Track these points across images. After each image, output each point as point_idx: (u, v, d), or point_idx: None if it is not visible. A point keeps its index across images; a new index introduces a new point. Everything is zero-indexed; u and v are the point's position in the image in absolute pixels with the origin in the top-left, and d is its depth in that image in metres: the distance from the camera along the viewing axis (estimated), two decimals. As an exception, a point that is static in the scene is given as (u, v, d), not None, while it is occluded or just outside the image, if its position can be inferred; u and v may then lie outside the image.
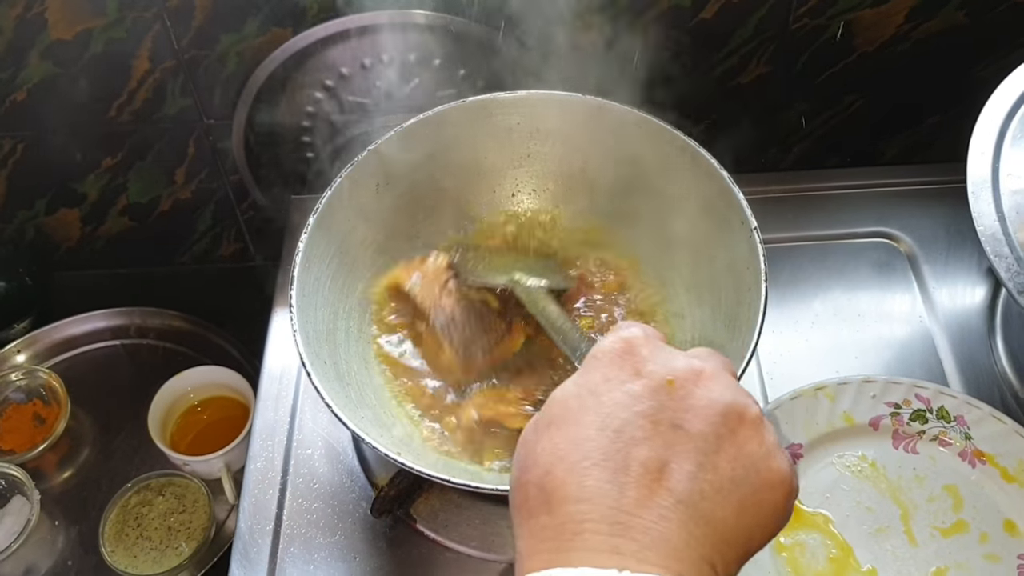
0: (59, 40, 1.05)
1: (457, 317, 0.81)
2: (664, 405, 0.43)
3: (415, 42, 1.05)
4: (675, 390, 0.43)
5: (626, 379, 0.44)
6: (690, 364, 0.45)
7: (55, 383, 1.17)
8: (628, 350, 0.45)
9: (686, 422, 0.42)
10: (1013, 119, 0.85)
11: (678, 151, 0.84)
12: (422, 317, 0.83)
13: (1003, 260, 0.77)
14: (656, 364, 0.44)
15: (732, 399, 0.44)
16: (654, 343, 0.46)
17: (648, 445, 0.41)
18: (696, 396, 0.43)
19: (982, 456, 0.83)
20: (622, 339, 0.45)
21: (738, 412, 0.43)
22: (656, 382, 0.43)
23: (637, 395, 0.43)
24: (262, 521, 0.84)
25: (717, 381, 0.44)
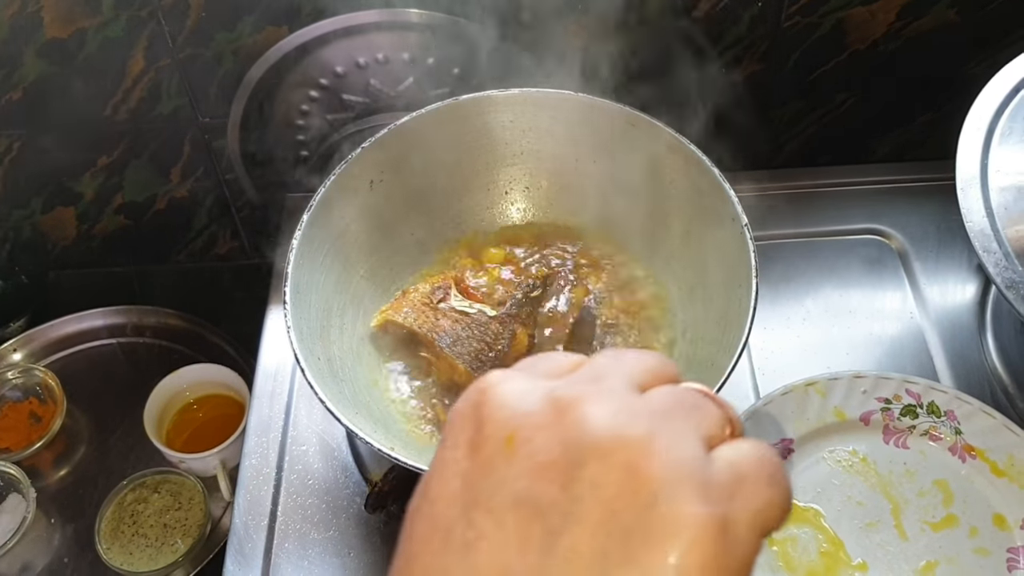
0: (55, 39, 1.05)
1: (461, 334, 0.82)
2: (503, 480, 0.31)
3: (409, 41, 1.05)
4: (515, 451, 0.31)
5: (461, 457, 0.33)
6: (544, 398, 0.32)
7: (51, 381, 1.18)
8: (467, 411, 0.34)
9: (530, 493, 0.30)
10: (1002, 116, 0.85)
11: (669, 148, 0.84)
12: (426, 345, 0.83)
13: (991, 255, 0.78)
14: (497, 419, 0.32)
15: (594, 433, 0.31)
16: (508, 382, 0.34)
17: (486, 550, 0.30)
18: (544, 448, 0.31)
19: (972, 451, 0.83)
20: (464, 398, 0.34)
21: (602, 450, 0.30)
22: (492, 449, 0.32)
23: (470, 478, 0.32)
24: (257, 517, 0.85)
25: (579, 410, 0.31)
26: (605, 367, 0.34)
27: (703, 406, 0.33)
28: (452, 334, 0.81)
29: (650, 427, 0.30)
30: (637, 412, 0.31)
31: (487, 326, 0.82)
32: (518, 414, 0.32)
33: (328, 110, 1.12)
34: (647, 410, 0.31)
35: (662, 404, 0.32)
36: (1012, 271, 0.77)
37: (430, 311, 0.83)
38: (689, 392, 0.33)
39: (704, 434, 0.32)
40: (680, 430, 0.31)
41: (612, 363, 0.34)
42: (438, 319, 0.82)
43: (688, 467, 0.30)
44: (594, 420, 0.31)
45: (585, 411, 0.31)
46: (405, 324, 0.83)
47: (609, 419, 0.30)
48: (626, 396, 0.32)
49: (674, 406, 0.32)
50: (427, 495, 0.33)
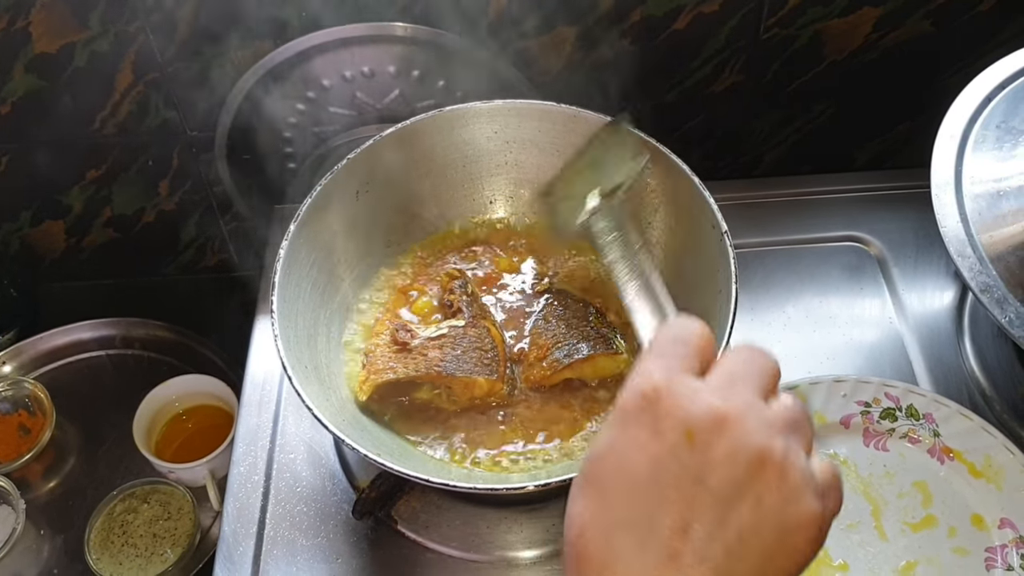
0: (43, 53, 1.06)
1: (455, 354, 0.82)
2: (685, 463, 0.43)
3: (395, 54, 1.07)
4: (695, 445, 0.43)
5: (646, 439, 0.44)
6: (710, 409, 0.44)
7: (40, 393, 1.18)
8: (645, 405, 0.44)
9: (707, 477, 0.43)
10: (975, 124, 0.87)
11: (651, 158, 0.85)
12: (431, 382, 0.83)
13: (966, 260, 0.79)
14: (675, 417, 0.44)
15: (753, 445, 0.43)
16: (674, 385, 0.44)
17: (672, 506, 0.42)
18: (716, 447, 0.43)
19: (950, 452, 0.85)
20: (641, 394, 0.45)
21: (759, 459, 0.43)
22: (675, 439, 0.43)
23: (658, 457, 0.43)
24: (246, 524, 0.86)
25: (739, 425, 0.43)
26: (736, 373, 0.46)
27: (804, 423, 0.46)
28: (450, 358, 0.81)
29: (784, 444, 0.43)
30: (773, 430, 0.44)
31: (467, 335, 0.83)
32: (692, 417, 0.43)
33: (315, 123, 1.14)
34: (777, 428, 0.44)
35: (785, 422, 0.44)
36: (986, 275, 0.79)
37: (409, 354, 0.82)
38: (796, 411, 0.45)
39: (807, 448, 0.45)
40: (797, 445, 0.44)
41: (742, 368, 0.46)
42: (425, 354, 0.82)
43: (807, 477, 0.43)
44: (749, 436, 0.43)
45: (742, 428, 0.43)
46: (403, 377, 0.81)
47: (758, 436, 0.43)
48: (762, 412, 0.44)
49: (792, 424, 0.45)
50: (620, 459, 0.44)
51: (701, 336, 0.47)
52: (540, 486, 0.69)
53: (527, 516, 0.84)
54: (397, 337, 0.84)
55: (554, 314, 0.86)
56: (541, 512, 0.84)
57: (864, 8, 1.06)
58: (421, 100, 1.10)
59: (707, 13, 1.05)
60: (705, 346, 0.47)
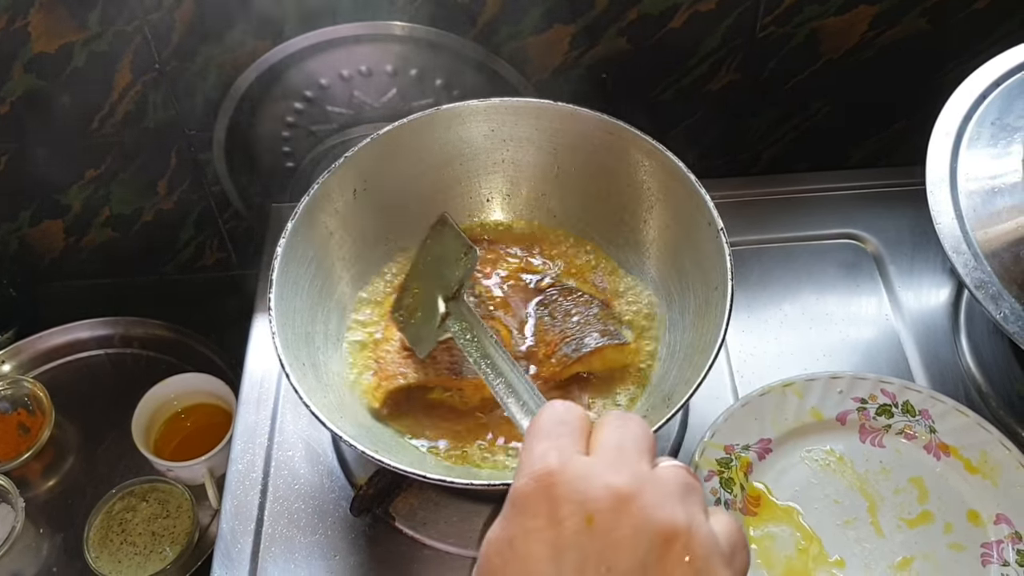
0: (42, 53, 1.06)
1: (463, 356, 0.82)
2: (587, 551, 0.41)
3: (392, 53, 1.07)
4: (596, 528, 0.41)
5: (544, 527, 0.41)
6: (608, 488, 0.42)
7: (40, 392, 1.19)
8: (540, 491, 0.42)
9: (612, 562, 0.40)
10: (970, 122, 0.87)
11: (647, 155, 0.86)
12: (443, 386, 0.83)
13: (961, 256, 0.80)
14: (573, 501, 0.41)
15: (656, 520, 0.41)
16: (569, 467, 0.43)
17: None
18: (618, 528, 0.41)
19: (946, 449, 0.85)
20: (535, 478, 0.42)
21: (664, 534, 0.41)
22: (575, 525, 0.41)
23: (559, 546, 0.41)
24: (244, 522, 0.86)
25: (638, 501, 0.41)
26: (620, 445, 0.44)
27: (694, 484, 0.44)
28: (459, 361, 0.82)
29: (685, 513, 0.42)
30: (672, 501, 0.42)
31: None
32: (590, 499, 0.41)
33: (313, 121, 1.14)
34: (676, 497, 0.42)
35: (680, 489, 0.43)
36: (981, 271, 0.79)
37: (418, 360, 0.83)
38: (684, 473, 0.44)
39: (704, 509, 0.43)
40: (698, 512, 0.43)
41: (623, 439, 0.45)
42: (435, 358, 0.82)
43: (712, 544, 0.42)
44: (652, 511, 0.41)
45: (642, 502, 0.41)
46: (413, 382, 0.82)
47: (659, 510, 0.41)
48: (656, 483, 0.43)
49: (686, 490, 0.43)
50: (516, 552, 0.42)
51: (580, 416, 0.46)
52: (536, 482, 0.69)
53: (524, 513, 0.84)
54: (406, 343, 0.84)
55: (559, 309, 0.87)
56: (538, 509, 0.85)
57: (860, 6, 1.06)
58: (419, 99, 1.11)
59: (703, 11, 1.05)
60: (585, 425, 0.46)
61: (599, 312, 0.86)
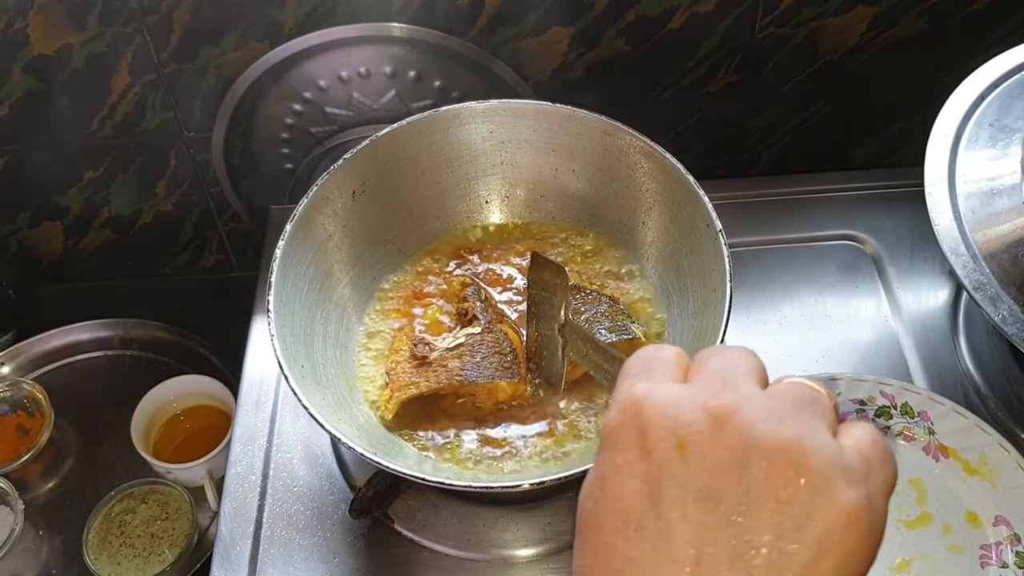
0: (41, 55, 1.06)
1: (475, 361, 0.82)
2: (682, 479, 0.36)
3: (391, 55, 1.07)
4: (689, 454, 0.37)
5: (634, 460, 0.38)
6: (700, 408, 0.38)
7: (39, 394, 1.18)
8: (627, 421, 0.39)
9: (709, 489, 0.36)
10: (968, 123, 0.87)
11: (646, 157, 0.86)
12: (457, 393, 0.83)
13: (959, 258, 0.80)
14: (662, 427, 0.38)
15: (758, 437, 0.36)
16: (656, 393, 0.39)
17: (677, 534, 0.36)
18: (713, 451, 0.36)
19: (945, 450, 0.85)
20: (621, 409, 0.39)
21: (769, 452, 0.36)
22: (665, 454, 0.37)
23: (649, 478, 0.37)
24: (243, 524, 0.86)
25: (735, 419, 0.37)
26: (723, 369, 0.40)
27: (818, 399, 0.39)
28: (470, 366, 0.82)
29: (796, 429, 0.36)
30: (780, 415, 0.37)
31: (484, 341, 0.83)
32: (682, 423, 0.37)
33: (312, 123, 1.14)
34: (786, 411, 0.37)
35: (793, 403, 0.38)
36: (980, 273, 0.79)
37: (430, 367, 0.82)
38: (804, 388, 0.39)
39: (829, 425, 0.38)
40: (815, 426, 0.37)
41: (726, 364, 0.40)
42: (445, 365, 0.82)
43: (833, 459, 0.36)
44: (752, 427, 0.36)
45: (740, 418, 0.37)
46: (425, 391, 0.81)
47: (763, 425, 0.36)
48: (761, 399, 0.38)
49: (802, 404, 0.38)
50: (607, 491, 0.38)
51: (675, 352, 0.42)
52: (535, 484, 0.69)
53: (524, 515, 0.84)
54: (416, 352, 0.83)
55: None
56: (538, 510, 0.85)
57: (859, 7, 1.06)
58: (418, 100, 1.11)
59: (702, 13, 1.05)
60: (681, 360, 0.42)
61: (607, 309, 0.86)
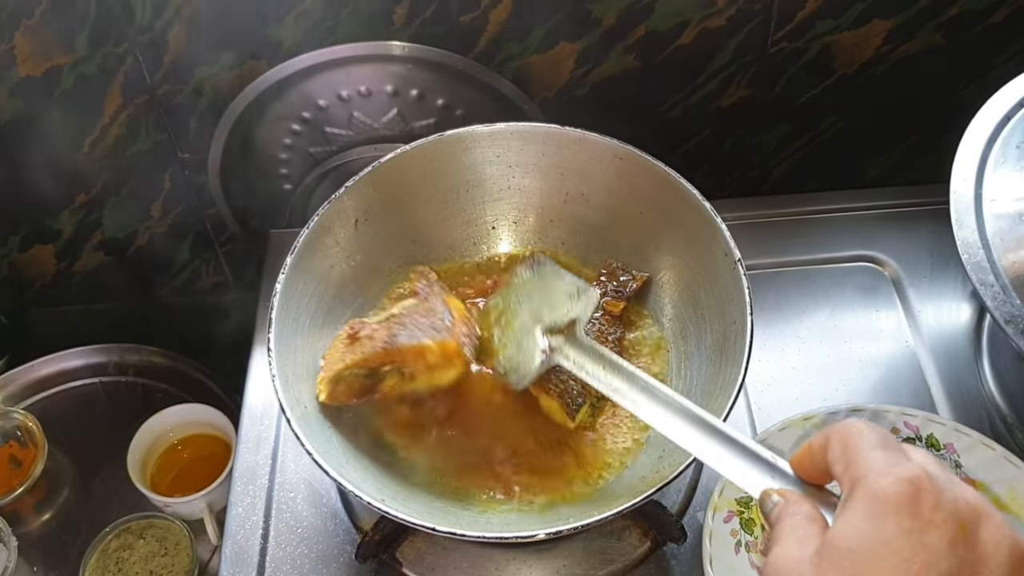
0: (28, 77, 1.03)
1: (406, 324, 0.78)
2: (963, 559, 0.42)
3: (392, 73, 1.04)
4: (967, 537, 0.43)
5: (923, 530, 0.42)
6: (967, 502, 0.44)
7: (31, 424, 1.15)
8: (916, 493, 0.43)
9: (984, 574, 0.42)
10: (994, 144, 0.84)
11: (659, 183, 0.83)
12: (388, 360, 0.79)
13: (989, 289, 0.77)
14: (944, 510, 0.43)
15: (1012, 537, 0.43)
16: (935, 479, 0.44)
17: None
18: (984, 541, 0.43)
19: (974, 484, 0.82)
20: (906, 480, 0.44)
21: (1019, 555, 0.43)
22: (951, 532, 0.43)
23: (938, 551, 0.42)
24: (245, 568, 0.83)
25: (992, 518, 0.44)
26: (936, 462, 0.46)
27: None
28: (400, 331, 0.78)
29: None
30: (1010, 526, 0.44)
31: (418, 310, 0.80)
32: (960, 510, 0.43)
33: (311, 143, 1.11)
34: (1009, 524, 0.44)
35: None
36: (1010, 304, 0.76)
37: (358, 342, 0.78)
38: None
39: None
40: None
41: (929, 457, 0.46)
42: (373, 337, 0.78)
43: None
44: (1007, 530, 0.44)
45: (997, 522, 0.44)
46: (351, 363, 0.77)
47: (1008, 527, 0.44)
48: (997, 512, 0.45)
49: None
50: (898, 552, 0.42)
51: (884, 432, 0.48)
52: (551, 534, 0.66)
53: (536, 557, 0.81)
54: (350, 333, 0.79)
55: None
56: (551, 553, 0.81)
57: (875, 20, 1.03)
58: (420, 120, 1.08)
59: (713, 27, 1.02)
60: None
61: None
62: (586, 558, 0.81)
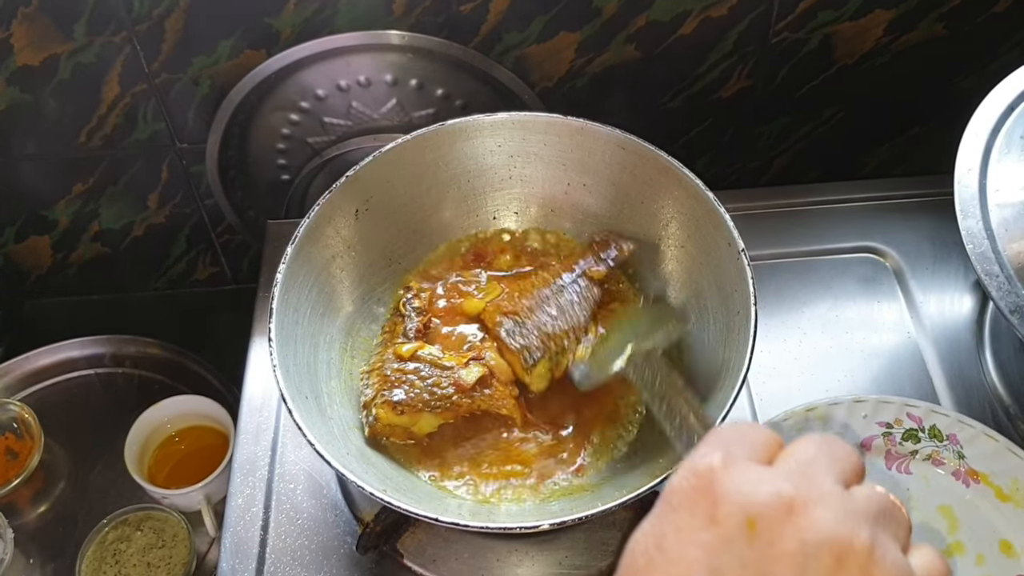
0: (26, 66, 1.02)
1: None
2: (745, 559, 0.36)
3: (391, 63, 1.03)
4: (757, 535, 0.37)
5: (699, 527, 0.38)
6: (776, 493, 0.37)
7: (28, 416, 1.14)
8: (702, 487, 0.38)
9: (770, 575, 0.36)
10: (998, 134, 0.84)
11: (662, 172, 0.82)
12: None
13: (994, 279, 0.76)
14: (734, 502, 0.38)
15: (830, 535, 0.36)
16: (735, 468, 0.39)
17: None
18: (784, 538, 0.36)
19: (976, 475, 0.82)
20: (695, 472, 0.39)
21: (838, 553, 0.36)
22: (733, 528, 0.37)
23: (712, 549, 0.37)
24: (244, 560, 0.82)
25: (812, 513, 0.37)
26: (812, 462, 0.39)
27: (896, 515, 0.39)
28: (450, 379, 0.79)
29: (871, 536, 0.37)
30: (857, 519, 0.37)
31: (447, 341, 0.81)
32: (755, 503, 0.37)
33: (309, 133, 1.10)
34: (863, 517, 0.37)
35: (871, 510, 0.38)
36: (1015, 294, 0.75)
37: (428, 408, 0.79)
38: (886, 499, 0.39)
39: (902, 543, 0.38)
40: (889, 539, 0.37)
41: (817, 457, 0.40)
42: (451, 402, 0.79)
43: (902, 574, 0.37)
44: (825, 525, 0.36)
45: (816, 515, 0.37)
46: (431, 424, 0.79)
47: (838, 525, 0.36)
48: (842, 499, 0.38)
49: (880, 513, 0.38)
50: (665, 553, 0.38)
51: (767, 435, 0.42)
52: (555, 524, 0.66)
53: (538, 548, 0.81)
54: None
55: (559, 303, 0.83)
56: (553, 543, 0.81)
57: (876, 11, 1.03)
58: (419, 109, 1.07)
59: (715, 17, 1.01)
60: (770, 444, 0.41)
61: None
62: (588, 549, 0.80)
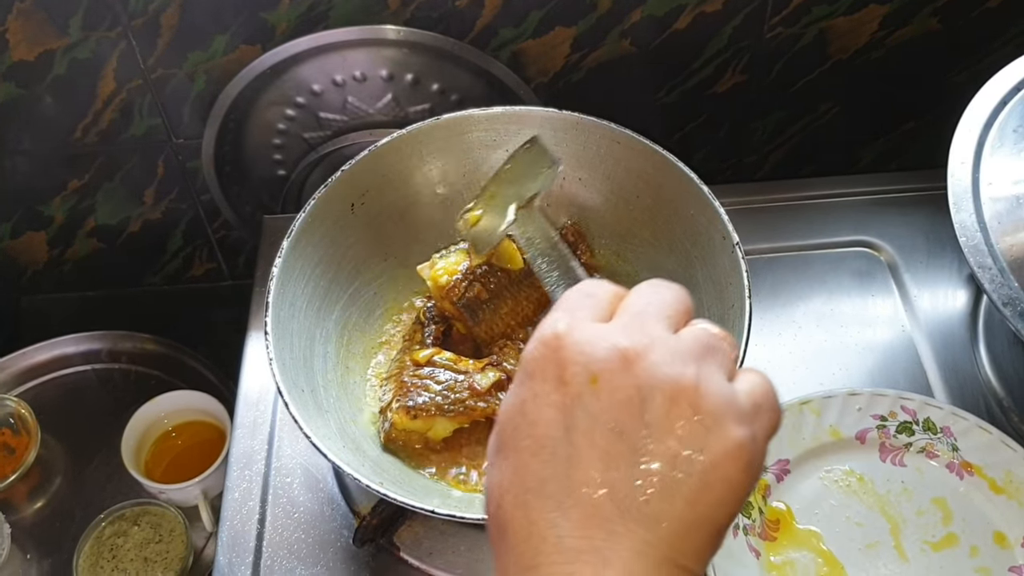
0: (21, 61, 1.02)
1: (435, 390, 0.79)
2: (593, 411, 0.40)
3: (387, 58, 1.03)
4: (600, 389, 0.40)
5: (551, 390, 0.41)
6: (613, 348, 0.41)
7: (24, 411, 1.14)
8: (548, 354, 0.42)
9: (616, 422, 0.40)
10: (991, 128, 0.84)
11: (657, 167, 0.82)
12: None
13: (987, 272, 0.77)
14: (578, 363, 0.41)
15: (661, 377, 0.40)
16: (577, 331, 0.42)
17: (585, 460, 0.40)
18: (623, 387, 0.40)
19: (970, 468, 0.82)
20: (542, 341, 0.42)
21: (670, 391, 0.40)
22: (579, 387, 0.41)
23: (565, 408, 0.41)
24: (241, 553, 0.82)
25: (644, 360, 0.40)
26: (643, 312, 0.43)
27: (720, 346, 0.42)
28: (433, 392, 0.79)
29: (696, 372, 0.40)
30: (685, 359, 0.40)
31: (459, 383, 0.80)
32: (596, 359, 0.41)
33: (305, 128, 1.10)
34: (689, 356, 0.41)
35: (696, 348, 0.41)
36: (1008, 287, 0.76)
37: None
38: (709, 335, 0.42)
39: (726, 371, 0.42)
40: (714, 371, 0.41)
41: (648, 306, 0.43)
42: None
43: (727, 401, 0.40)
44: (656, 369, 0.40)
45: (648, 362, 0.40)
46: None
47: (667, 368, 0.40)
48: (670, 343, 0.41)
49: (704, 350, 0.41)
50: (526, 417, 0.41)
51: (609, 290, 0.45)
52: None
53: (535, 541, 0.81)
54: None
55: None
56: (549, 536, 0.81)
57: (870, 5, 1.03)
58: (415, 104, 1.07)
59: (709, 12, 1.02)
60: (614, 299, 0.44)
61: None
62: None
